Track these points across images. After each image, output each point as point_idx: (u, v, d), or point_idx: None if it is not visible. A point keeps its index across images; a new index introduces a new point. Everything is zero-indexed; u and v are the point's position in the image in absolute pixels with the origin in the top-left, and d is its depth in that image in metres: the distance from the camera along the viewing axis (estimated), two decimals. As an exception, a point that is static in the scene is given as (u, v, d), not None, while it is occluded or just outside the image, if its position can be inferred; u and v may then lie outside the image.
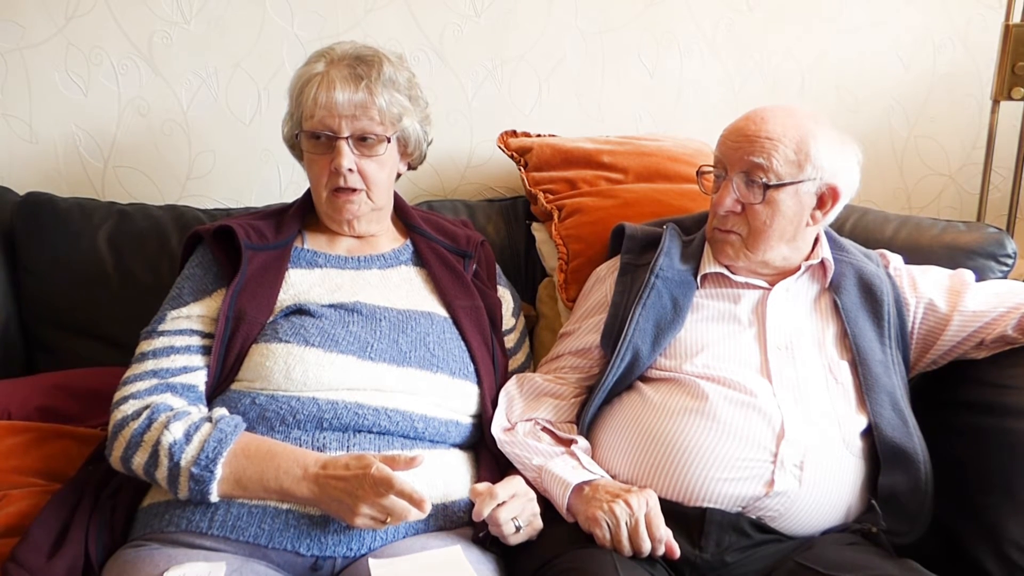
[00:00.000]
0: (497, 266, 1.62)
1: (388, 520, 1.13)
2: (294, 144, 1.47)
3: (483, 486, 1.21)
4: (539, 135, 1.93)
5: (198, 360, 1.29)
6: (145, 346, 1.30)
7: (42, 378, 1.56)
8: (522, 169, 1.86)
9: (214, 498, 1.16)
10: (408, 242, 1.52)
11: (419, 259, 1.50)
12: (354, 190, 1.39)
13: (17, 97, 1.84)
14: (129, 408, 1.22)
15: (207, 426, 1.19)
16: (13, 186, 1.77)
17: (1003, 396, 1.37)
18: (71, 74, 1.85)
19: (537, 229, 1.85)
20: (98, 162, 1.90)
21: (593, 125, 2.03)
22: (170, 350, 1.29)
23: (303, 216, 1.47)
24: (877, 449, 1.31)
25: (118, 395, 1.25)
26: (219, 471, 1.15)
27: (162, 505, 1.19)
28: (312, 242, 1.45)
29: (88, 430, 1.44)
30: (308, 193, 1.48)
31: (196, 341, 1.31)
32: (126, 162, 1.91)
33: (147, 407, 1.21)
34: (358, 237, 1.48)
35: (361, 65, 1.38)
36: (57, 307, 1.67)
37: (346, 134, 1.36)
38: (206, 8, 1.85)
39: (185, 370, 1.27)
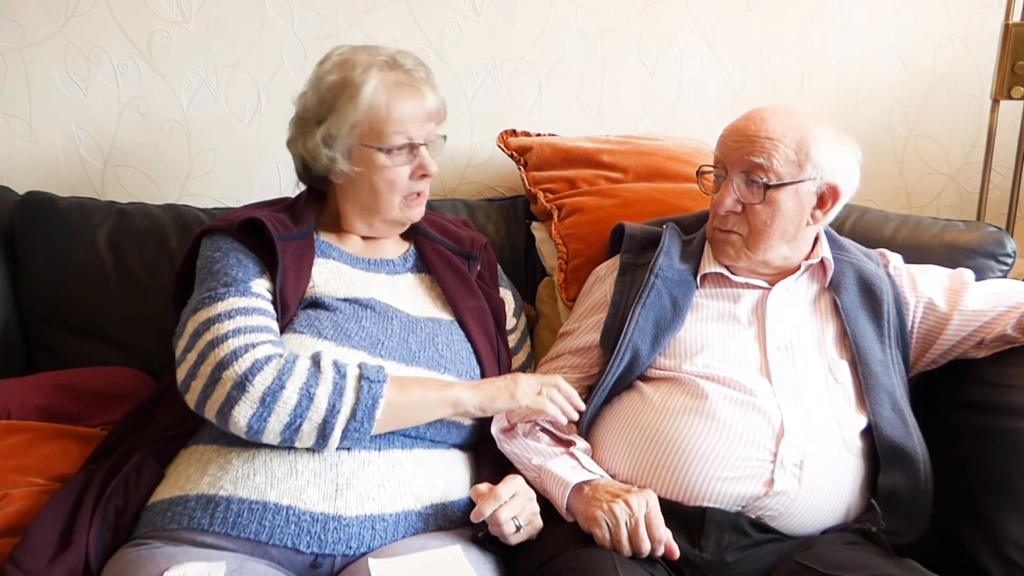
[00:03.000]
0: (499, 267, 1.62)
1: (542, 391, 1.30)
2: (332, 158, 1.38)
3: (485, 486, 1.21)
4: (539, 134, 1.93)
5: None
6: (243, 302, 1.26)
7: (42, 378, 1.56)
8: (522, 168, 1.86)
9: (379, 412, 1.19)
10: (412, 248, 1.52)
11: (423, 265, 1.51)
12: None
13: (17, 97, 1.84)
14: (260, 353, 1.20)
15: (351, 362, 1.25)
16: (13, 185, 1.77)
17: (1003, 395, 1.37)
18: (71, 73, 1.85)
19: (537, 228, 1.85)
20: (98, 161, 1.90)
21: (593, 124, 2.03)
22: (265, 313, 1.28)
23: (312, 209, 1.46)
24: (877, 449, 1.31)
25: (231, 346, 1.19)
26: (388, 376, 1.22)
27: (165, 503, 1.19)
28: (323, 237, 1.45)
29: (88, 430, 1.44)
30: (310, 190, 1.47)
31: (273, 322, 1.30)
32: (126, 161, 1.91)
33: (282, 353, 1.22)
34: (365, 238, 1.47)
35: (420, 68, 1.40)
36: (57, 306, 1.67)
37: (424, 142, 1.38)
38: (206, 7, 1.85)
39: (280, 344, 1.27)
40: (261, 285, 1.30)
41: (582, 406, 1.35)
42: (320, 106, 1.38)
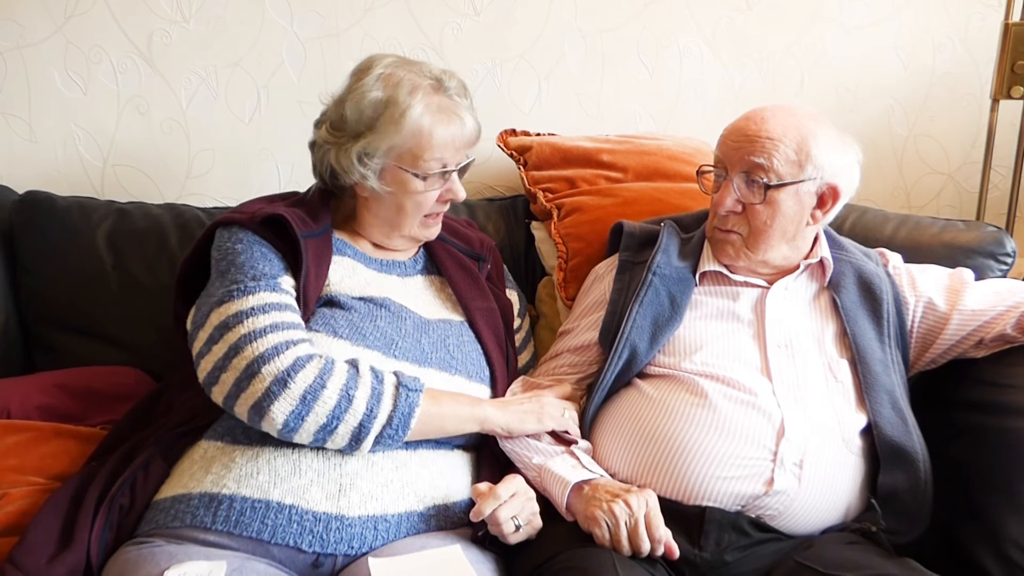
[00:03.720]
0: (505, 268, 1.63)
1: (565, 413, 1.36)
2: (364, 175, 1.35)
3: (485, 486, 1.21)
4: (538, 134, 1.93)
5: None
6: (275, 297, 1.25)
7: (41, 377, 1.56)
8: (521, 168, 1.86)
9: (415, 421, 1.21)
10: (421, 250, 1.52)
11: (433, 267, 1.51)
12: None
13: (16, 96, 1.84)
14: (301, 351, 1.20)
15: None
16: (12, 185, 1.77)
17: (1002, 395, 1.37)
18: (70, 73, 1.85)
19: (536, 228, 1.85)
20: (97, 161, 1.90)
21: (592, 124, 2.03)
22: (296, 310, 1.27)
23: (327, 208, 1.44)
24: (877, 448, 1.31)
25: (270, 341, 1.18)
26: (424, 385, 1.24)
27: (168, 500, 1.19)
28: (337, 235, 1.44)
29: (88, 429, 1.44)
30: (321, 191, 1.45)
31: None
32: (125, 161, 1.91)
33: (320, 356, 1.21)
34: (376, 245, 1.47)
35: (461, 92, 1.39)
36: (56, 306, 1.67)
37: (457, 166, 1.39)
38: (205, 7, 1.85)
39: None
40: (287, 282, 1.29)
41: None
42: (359, 121, 1.34)
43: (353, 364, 1.22)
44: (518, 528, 1.20)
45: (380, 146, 1.34)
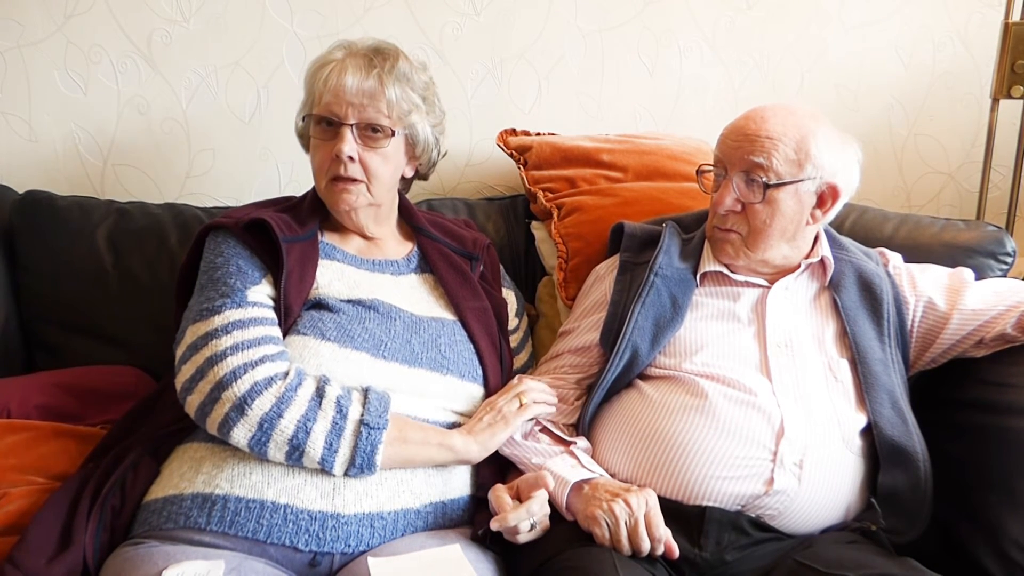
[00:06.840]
0: (501, 267, 1.63)
1: (523, 398, 1.34)
2: (304, 132, 1.44)
3: (508, 498, 1.21)
4: (538, 133, 1.93)
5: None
6: (240, 314, 1.25)
7: (41, 376, 1.56)
8: (521, 168, 1.86)
9: (379, 457, 1.19)
10: (415, 249, 1.52)
11: (426, 265, 1.50)
12: (353, 180, 1.38)
13: (16, 95, 1.84)
14: (260, 374, 1.19)
15: (357, 392, 1.24)
16: (12, 184, 1.77)
17: (1002, 394, 1.37)
18: (70, 72, 1.85)
19: (537, 228, 1.85)
20: (97, 160, 1.90)
21: (592, 123, 2.03)
22: (263, 322, 1.26)
23: (316, 211, 1.45)
24: (877, 448, 1.31)
25: (230, 365, 1.19)
26: (388, 421, 1.21)
27: (160, 502, 1.19)
28: (327, 238, 1.45)
29: (88, 428, 1.44)
30: (313, 196, 1.46)
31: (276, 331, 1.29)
32: (125, 160, 1.91)
33: (286, 371, 1.21)
34: (364, 237, 1.47)
35: (377, 56, 1.37)
36: (56, 305, 1.67)
37: (352, 122, 1.35)
38: (206, 6, 1.85)
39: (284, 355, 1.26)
40: (260, 292, 1.29)
41: (553, 396, 1.40)
42: (304, 83, 1.44)
43: (320, 391, 1.21)
44: (533, 527, 1.20)
45: (305, 99, 1.42)
